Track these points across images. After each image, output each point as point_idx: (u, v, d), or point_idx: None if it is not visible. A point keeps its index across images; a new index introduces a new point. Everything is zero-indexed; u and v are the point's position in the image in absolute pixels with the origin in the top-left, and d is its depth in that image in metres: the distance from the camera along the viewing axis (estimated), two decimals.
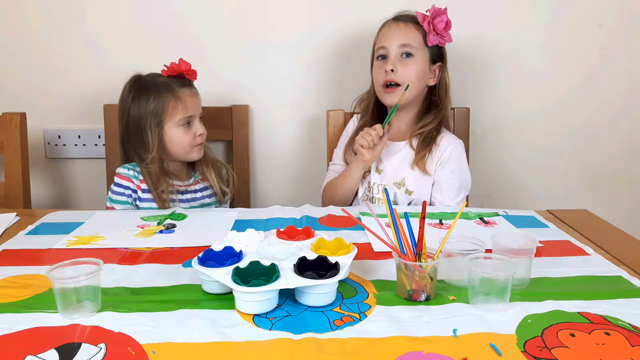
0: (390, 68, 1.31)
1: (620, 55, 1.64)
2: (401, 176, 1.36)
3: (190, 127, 1.32)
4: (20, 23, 1.58)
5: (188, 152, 1.34)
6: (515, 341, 0.69)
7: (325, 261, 0.81)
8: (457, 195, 1.34)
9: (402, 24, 1.34)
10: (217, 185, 1.40)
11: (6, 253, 0.98)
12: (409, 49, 1.32)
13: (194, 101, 1.33)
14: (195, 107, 1.33)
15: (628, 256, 0.96)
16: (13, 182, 1.46)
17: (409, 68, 1.31)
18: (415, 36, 1.32)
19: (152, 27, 1.58)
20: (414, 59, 1.32)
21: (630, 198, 1.75)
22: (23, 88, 1.62)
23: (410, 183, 1.35)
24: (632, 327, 0.72)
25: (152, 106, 1.28)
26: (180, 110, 1.29)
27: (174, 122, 1.29)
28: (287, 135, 1.68)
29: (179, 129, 1.30)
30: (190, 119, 1.32)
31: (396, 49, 1.32)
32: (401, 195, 1.36)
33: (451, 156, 1.34)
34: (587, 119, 1.68)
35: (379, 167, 1.39)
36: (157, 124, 1.29)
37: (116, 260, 0.94)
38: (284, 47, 1.62)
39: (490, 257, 0.80)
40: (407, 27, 1.33)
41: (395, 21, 1.35)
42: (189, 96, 1.31)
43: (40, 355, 0.65)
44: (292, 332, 0.70)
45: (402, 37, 1.32)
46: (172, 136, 1.31)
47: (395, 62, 1.32)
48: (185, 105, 1.29)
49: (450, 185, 1.34)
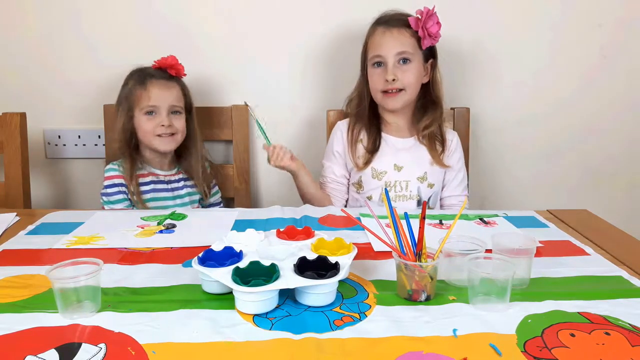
0: (391, 78, 1.32)
1: (620, 55, 1.64)
2: (423, 170, 1.40)
3: (155, 117, 1.38)
4: (21, 23, 1.58)
5: (150, 140, 1.39)
6: (515, 341, 0.69)
7: (325, 261, 0.81)
8: (464, 178, 1.47)
9: (396, 31, 1.33)
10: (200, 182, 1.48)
11: (6, 253, 0.98)
12: (406, 55, 1.33)
13: (163, 93, 1.38)
14: (162, 99, 1.38)
15: (628, 256, 0.97)
16: (13, 182, 1.46)
17: (407, 74, 1.33)
18: (410, 41, 1.33)
19: (153, 28, 1.58)
20: (411, 64, 1.34)
21: (630, 198, 1.75)
22: (23, 88, 1.62)
23: (431, 177, 1.41)
24: (632, 327, 0.72)
25: (126, 91, 1.40)
26: (144, 98, 1.37)
27: (139, 109, 1.38)
28: (287, 135, 1.68)
29: (143, 116, 1.38)
30: (154, 108, 1.37)
31: (393, 57, 1.32)
32: (424, 189, 1.41)
33: (457, 146, 1.46)
34: (587, 119, 1.68)
35: (397, 164, 1.40)
36: (128, 108, 1.39)
37: (116, 260, 0.94)
38: (284, 47, 1.62)
39: (490, 257, 0.80)
40: (401, 34, 1.33)
41: (387, 27, 1.34)
42: (159, 88, 1.38)
43: (40, 355, 0.65)
44: (292, 332, 0.70)
45: (398, 45, 1.32)
46: (137, 122, 1.39)
47: (394, 70, 1.32)
48: (149, 95, 1.37)
49: (459, 170, 1.46)
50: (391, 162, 1.40)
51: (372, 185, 1.41)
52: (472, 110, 1.60)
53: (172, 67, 1.41)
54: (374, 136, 1.41)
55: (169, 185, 1.45)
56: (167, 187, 1.45)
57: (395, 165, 1.40)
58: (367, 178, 1.41)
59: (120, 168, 1.40)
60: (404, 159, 1.40)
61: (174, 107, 1.40)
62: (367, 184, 1.42)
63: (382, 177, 1.40)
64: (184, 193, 1.47)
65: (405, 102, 1.36)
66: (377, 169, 1.40)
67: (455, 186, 1.45)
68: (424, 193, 1.41)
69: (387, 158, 1.40)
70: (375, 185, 1.41)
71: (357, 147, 1.42)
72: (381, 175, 1.40)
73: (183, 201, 1.46)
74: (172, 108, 1.40)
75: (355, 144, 1.43)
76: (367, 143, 1.42)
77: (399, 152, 1.40)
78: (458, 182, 1.45)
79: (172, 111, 1.40)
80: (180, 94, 1.42)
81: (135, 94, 1.37)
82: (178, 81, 1.43)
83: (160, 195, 1.43)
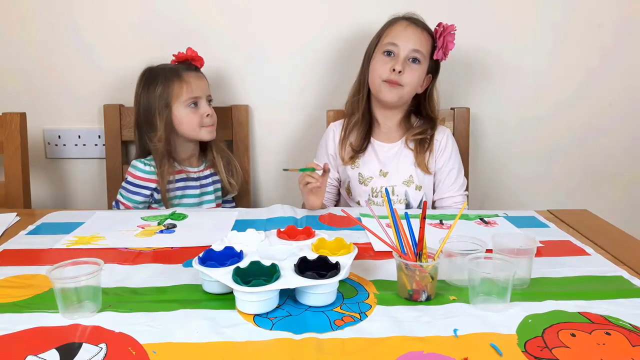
0: (399, 69, 1.31)
1: (620, 56, 1.64)
2: (408, 174, 1.38)
3: (198, 108, 1.37)
4: (21, 23, 1.58)
5: (197, 132, 1.38)
6: (516, 341, 0.69)
7: (326, 261, 0.81)
8: (457, 176, 1.41)
9: (419, 30, 1.34)
10: (224, 175, 1.47)
11: (6, 253, 0.98)
12: (419, 55, 1.32)
13: (200, 83, 1.38)
14: (201, 89, 1.38)
15: (628, 256, 0.97)
16: (13, 182, 1.46)
17: (413, 74, 1.33)
18: (427, 45, 1.34)
19: (152, 27, 1.58)
20: (419, 66, 1.34)
21: (630, 198, 1.75)
22: (23, 88, 1.62)
23: (418, 179, 1.39)
24: (633, 327, 0.72)
25: (159, 90, 1.35)
26: (185, 90, 1.35)
27: (181, 102, 1.35)
28: (287, 135, 1.68)
29: (186, 109, 1.35)
30: (196, 99, 1.37)
31: (407, 51, 1.32)
32: (412, 192, 1.38)
33: (447, 144, 1.41)
34: (587, 119, 1.68)
35: (383, 170, 1.39)
36: (165, 105, 1.34)
37: (116, 260, 0.94)
38: (284, 47, 1.62)
39: (490, 257, 0.81)
40: (422, 34, 1.34)
41: (411, 23, 1.35)
42: (194, 78, 1.37)
43: (41, 355, 0.65)
44: (293, 332, 0.71)
45: (416, 42, 1.32)
46: (180, 116, 1.36)
47: (404, 63, 1.32)
48: (189, 86, 1.35)
49: (450, 169, 1.40)
50: (377, 169, 1.39)
51: (359, 191, 1.41)
52: (472, 110, 1.60)
53: (194, 59, 1.41)
54: (363, 135, 1.40)
55: (198, 182, 1.44)
56: (197, 184, 1.43)
57: (380, 171, 1.39)
58: (354, 183, 1.41)
59: (151, 168, 1.35)
60: (389, 164, 1.39)
61: (209, 96, 1.41)
62: (354, 190, 1.42)
63: (368, 182, 1.39)
64: (212, 189, 1.46)
65: (401, 98, 1.35)
66: (363, 175, 1.40)
67: (447, 187, 1.40)
68: (413, 196, 1.39)
69: (373, 165, 1.40)
70: (361, 191, 1.40)
71: (347, 148, 1.42)
72: (367, 181, 1.39)
73: (209, 198, 1.46)
74: (209, 97, 1.41)
75: (347, 142, 1.42)
76: (355, 140, 1.40)
77: (384, 159, 1.39)
78: (451, 182, 1.40)
79: (208, 100, 1.41)
80: (208, 84, 1.43)
81: (173, 88, 1.34)
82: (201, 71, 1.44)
83: (188, 193, 1.42)
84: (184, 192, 1.41)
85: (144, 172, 1.35)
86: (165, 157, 1.35)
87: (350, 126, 1.42)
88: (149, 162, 1.36)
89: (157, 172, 1.35)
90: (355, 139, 1.41)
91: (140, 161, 1.36)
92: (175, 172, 1.38)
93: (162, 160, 1.35)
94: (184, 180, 1.41)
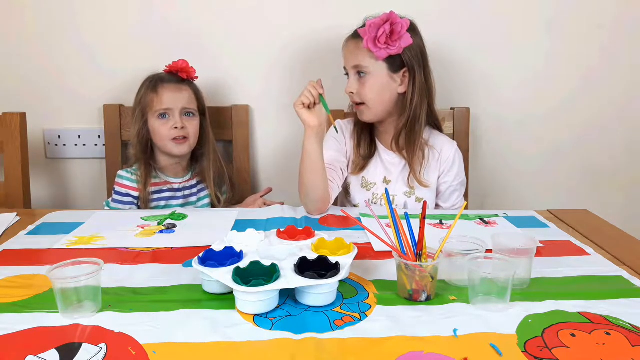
0: (349, 91, 1.29)
1: (620, 56, 1.64)
2: (410, 186, 1.35)
3: (168, 120, 1.37)
4: (21, 23, 1.58)
5: (165, 144, 1.39)
6: (516, 341, 0.69)
7: (326, 261, 0.81)
8: (459, 197, 1.39)
9: (353, 44, 1.28)
10: (212, 188, 1.47)
11: (6, 253, 0.98)
12: (361, 68, 1.27)
13: (175, 95, 1.38)
14: (174, 101, 1.38)
15: (628, 256, 0.97)
16: (13, 182, 1.46)
17: (364, 87, 1.27)
18: (365, 54, 1.25)
19: (152, 28, 1.58)
20: (368, 77, 1.26)
21: (630, 198, 1.75)
22: (23, 88, 1.62)
23: (419, 192, 1.35)
24: (633, 327, 0.72)
25: (139, 98, 1.40)
26: (156, 101, 1.37)
27: (152, 112, 1.38)
28: (287, 135, 1.68)
29: (157, 120, 1.38)
30: (166, 111, 1.37)
31: (350, 68, 1.29)
32: (412, 203, 1.35)
33: (455, 161, 1.36)
34: (587, 119, 1.68)
35: (387, 178, 1.37)
36: (142, 114, 1.39)
37: (116, 261, 0.94)
38: (284, 47, 1.62)
39: (490, 257, 0.81)
40: (357, 47, 1.26)
41: (349, 39, 1.31)
42: (170, 91, 1.38)
43: (40, 355, 0.65)
44: (293, 332, 0.71)
45: (352, 59, 1.28)
46: (152, 127, 1.39)
47: (354, 83, 1.28)
48: (161, 98, 1.37)
49: (454, 190, 1.38)
50: (381, 175, 1.37)
51: (360, 195, 1.37)
52: (472, 110, 1.60)
53: (183, 71, 1.42)
54: (368, 141, 1.38)
55: (181, 192, 1.44)
56: (179, 195, 1.44)
57: (385, 178, 1.36)
58: (356, 187, 1.38)
59: (134, 176, 1.39)
60: (393, 173, 1.36)
61: (185, 109, 1.40)
62: (354, 193, 1.38)
63: (370, 188, 1.37)
64: (195, 199, 1.47)
65: (374, 115, 1.29)
66: (367, 179, 1.37)
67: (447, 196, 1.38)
68: (411, 207, 1.35)
69: (378, 170, 1.37)
70: (362, 196, 1.37)
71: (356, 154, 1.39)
72: (370, 186, 1.37)
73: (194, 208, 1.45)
74: (184, 110, 1.39)
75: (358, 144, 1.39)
76: (362, 148, 1.37)
77: (389, 166, 1.37)
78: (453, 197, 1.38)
79: (185, 113, 1.39)
80: (192, 97, 1.42)
81: (148, 99, 1.38)
82: (190, 84, 1.43)
83: (171, 203, 1.43)
84: (168, 203, 1.43)
85: (128, 180, 1.39)
86: (143, 165, 1.39)
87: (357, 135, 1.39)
88: (134, 171, 1.40)
89: (138, 180, 1.38)
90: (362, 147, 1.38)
91: (126, 171, 1.41)
92: (156, 183, 1.41)
93: (141, 168, 1.39)
94: (169, 191, 1.43)
